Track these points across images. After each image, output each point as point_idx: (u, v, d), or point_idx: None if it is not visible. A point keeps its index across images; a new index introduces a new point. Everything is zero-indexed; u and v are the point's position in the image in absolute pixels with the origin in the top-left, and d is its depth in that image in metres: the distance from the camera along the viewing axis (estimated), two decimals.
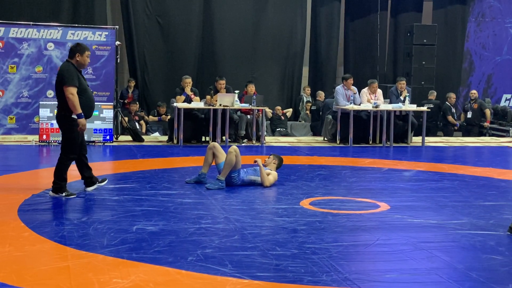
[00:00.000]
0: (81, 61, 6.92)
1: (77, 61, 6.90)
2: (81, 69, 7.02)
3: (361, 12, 17.52)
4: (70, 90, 6.69)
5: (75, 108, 6.69)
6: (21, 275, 4.26)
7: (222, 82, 12.42)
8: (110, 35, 12.92)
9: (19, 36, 12.51)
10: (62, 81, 6.75)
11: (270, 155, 8.16)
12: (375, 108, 12.36)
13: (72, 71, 6.81)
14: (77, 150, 6.94)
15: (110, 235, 5.28)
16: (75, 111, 6.71)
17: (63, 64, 7.01)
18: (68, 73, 6.76)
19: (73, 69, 6.85)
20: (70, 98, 6.67)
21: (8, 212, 6.04)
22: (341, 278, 4.34)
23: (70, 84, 6.70)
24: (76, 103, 6.68)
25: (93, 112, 7.32)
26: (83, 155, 7.06)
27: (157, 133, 14.21)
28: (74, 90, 6.71)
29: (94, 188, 7.16)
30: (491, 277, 4.44)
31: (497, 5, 18.10)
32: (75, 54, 6.90)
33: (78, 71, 6.92)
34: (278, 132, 15.05)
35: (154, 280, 4.21)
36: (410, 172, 9.39)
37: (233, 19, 16.21)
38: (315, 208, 6.59)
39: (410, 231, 5.71)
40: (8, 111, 12.56)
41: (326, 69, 17.30)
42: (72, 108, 6.71)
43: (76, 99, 6.69)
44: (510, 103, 18.27)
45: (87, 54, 6.95)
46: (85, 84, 6.99)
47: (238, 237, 5.34)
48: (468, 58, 18.22)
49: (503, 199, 7.36)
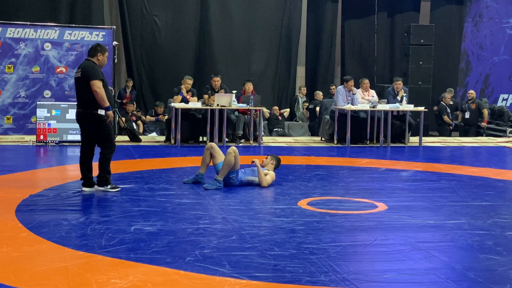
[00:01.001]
0: (102, 61, 7.17)
1: (98, 60, 7.13)
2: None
3: (358, 12, 17.53)
4: (97, 84, 6.90)
5: (104, 101, 6.91)
6: (19, 275, 4.25)
7: (216, 79, 12.44)
8: (107, 35, 12.91)
9: (16, 36, 12.50)
10: (88, 76, 6.92)
11: (267, 156, 8.16)
12: (373, 108, 12.37)
13: (96, 67, 7.05)
14: (114, 140, 7.26)
15: (108, 236, 5.28)
16: (103, 104, 6.93)
17: (85, 62, 7.16)
18: (92, 69, 6.98)
19: (96, 65, 7.07)
20: (97, 91, 6.88)
21: (5, 213, 6.03)
22: (339, 278, 4.34)
23: (96, 78, 6.91)
24: (104, 96, 6.91)
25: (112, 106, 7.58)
26: (93, 148, 7.23)
27: (154, 133, 14.20)
28: (100, 83, 6.93)
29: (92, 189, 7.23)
30: (489, 277, 4.44)
31: (494, 5, 18.13)
32: (97, 53, 7.13)
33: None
34: (275, 132, 15.05)
35: (152, 281, 4.21)
36: (407, 172, 9.40)
37: (229, 19, 16.21)
38: (313, 208, 6.59)
39: (408, 231, 5.72)
40: (5, 111, 12.55)
41: (323, 69, 17.31)
42: (101, 102, 6.92)
43: (104, 92, 6.91)
44: (507, 103, 18.30)
45: (106, 55, 7.22)
46: (105, 81, 7.21)
47: (236, 237, 5.34)
48: (465, 58, 18.24)
49: (501, 199, 7.37)
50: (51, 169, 8.86)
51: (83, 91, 6.99)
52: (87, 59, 7.17)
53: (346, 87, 12.63)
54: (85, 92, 6.96)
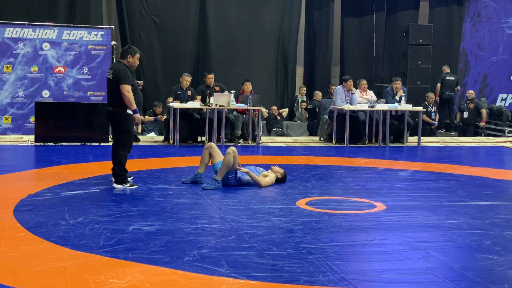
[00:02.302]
0: (132, 62, 7.48)
1: (128, 61, 7.45)
2: (132, 70, 7.54)
3: (357, 12, 17.54)
4: (126, 88, 7.26)
5: (131, 104, 7.29)
6: (17, 275, 4.25)
7: (210, 76, 12.49)
8: (105, 35, 12.91)
9: (14, 36, 12.50)
10: (120, 80, 7.27)
11: (282, 170, 8.07)
12: (371, 108, 12.37)
13: (127, 70, 7.37)
14: (132, 142, 7.56)
15: (106, 235, 5.28)
16: (131, 107, 7.30)
17: (117, 64, 7.53)
18: (124, 72, 7.31)
19: (127, 68, 7.40)
20: (126, 95, 7.25)
21: (3, 212, 6.03)
22: (338, 278, 4.34)
23: (126, 82, 7.27)
24: (132, 100, 7.28)
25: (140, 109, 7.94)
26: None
27: (153, 133, 14.19)
28: (129, 88, 7.30)
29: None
30: (487, 277, 4.45)
31: (492, 5, 18.13)
32: (127, 55, 7.46)
33: (130, 71, 7.45)
34: (274, 132, 15.05)
35: (150, 280, 4.20)
36: (406, 172, 9.40)
37: (228, 18, 16.21)
38: (312, 208, 6.59)
39: (406, 231, 5.72)
40: (3, 111, 12.54)
41: (322, 69, 17.31)
42: (128, 105, 7.29)
43: (132, 96, 7.30)
44: (506, 103, 18.30)
45: (137, 56, 7.54)
46: (135, 82, 7.58)
47: (235, 237, 5.34)
48: (464, 58, 18.24)
49: (499, 199, 7.37)
50: (49, 169, 8.84)
51: (114, 91, 7.36)
52: (118, 61, 7.57)
53: (345, 87, 12.62)
54: (115, 92, 7.33)
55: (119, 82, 7.26)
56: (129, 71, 7.37)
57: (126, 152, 7.47)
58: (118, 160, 7.41)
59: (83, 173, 8.39)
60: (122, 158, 7.41)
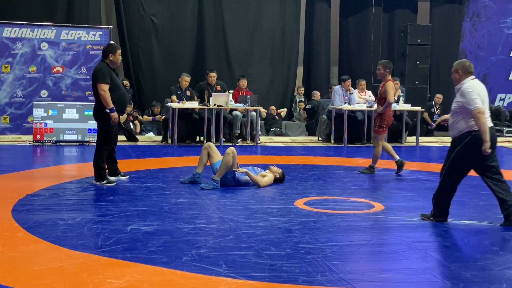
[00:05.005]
0: (114, 60, 7.63)
1: (110, 60, 7.61)
2: (115, 67, 7.73)
3: (356, 12, 17.53)
4: (102, 87, 7.41)
5: (107, 103, 7.41)
6: (15, 275, 4.25)
7: (212, 74, 12.46)
8: (104, 35, 12.90)
9: (12, 35, 12.49)
10: (96, 79, 7.46)
11: (280, 170, 8.09)
12: (369, 108, 12.37)
13: (105, 69, 7.50)
14: (111, 141, 7.68)
15: (105, 235, 5.27)
16: (107, 106, 7.42)
17: (98, 64, 7.71)
18: (100, 72, 7.47)
19: (106, 68, 7.54)
20: (102, 94, 7.41)
21: (2, 212, 6.02)
22: (336, 278, 4.34)
23: (102, 82, 7.42)
24: (107, 99, 7.40)
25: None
26: (112, 148, 7.79)
27: (151, 133, 14.19)
28: (106, 87, 7.42)
29: (116, 179, 7.81)
30: (485, 277, 4.45)
31: (492, 5, 18.13)
32: (108, 54, 7.61)
33: (112, 69, 7.61)
34: (272, 132, 15.05)
35: (148, 280, 4.20)
36: (404, 172, 9.39)
37: (227, 18, 16.18)
38: (310, 208, 6.59)
39: (404, 231, 5.72)
40: (1, 111, 12.53)
41: (320, 69, 17.30)
42: (104, 103, 7.42)
43: (108, 95, 7.40)
44: (505, 103, 18.31)
45: (119, 52, 7.66)
46: (118, 81, 7.71)
47: (233, 237, 5.34)
48: (463, 58, 18.23)
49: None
50: (47, 169, 8.85)
51: (95, 91, 7.54)
52: (101, 61, 7.70)
53: (344, 87, 12.63)
54: (96, 91, 7.51)
55: (96, 82, 7.45)
56: (107, 70, 7.50)
57: (104, 150, 7.61)
58: (95, 157, 7.59)
59: (81, 173, 8.39)
60: (99, 156, 7.57)
